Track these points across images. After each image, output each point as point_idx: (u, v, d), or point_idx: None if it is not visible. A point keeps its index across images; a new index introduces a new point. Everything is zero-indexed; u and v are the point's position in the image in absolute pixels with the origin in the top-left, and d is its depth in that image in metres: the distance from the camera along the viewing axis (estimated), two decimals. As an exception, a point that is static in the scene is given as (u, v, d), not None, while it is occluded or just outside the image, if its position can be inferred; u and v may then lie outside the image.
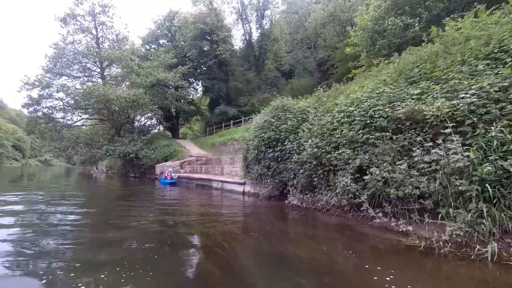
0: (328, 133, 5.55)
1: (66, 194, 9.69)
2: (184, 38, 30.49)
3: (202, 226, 4.95)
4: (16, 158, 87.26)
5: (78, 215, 5.84)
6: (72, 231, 4.45)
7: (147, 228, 4.70)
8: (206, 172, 14.81)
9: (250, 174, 8.58)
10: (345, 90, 7.05)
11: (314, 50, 44.00)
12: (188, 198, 9.20)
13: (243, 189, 9.43)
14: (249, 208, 7.01)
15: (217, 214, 6.22)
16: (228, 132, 23.85)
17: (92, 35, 23.48)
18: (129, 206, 7.42)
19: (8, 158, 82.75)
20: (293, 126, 7.05)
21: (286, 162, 6.90)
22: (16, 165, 76.63)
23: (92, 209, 6.72)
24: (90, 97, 17.47)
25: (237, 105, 32.81)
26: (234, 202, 7.92)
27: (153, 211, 6.59)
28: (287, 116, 7.39)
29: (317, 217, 5.41)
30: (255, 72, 37.15)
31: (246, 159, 8.97)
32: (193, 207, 7.18)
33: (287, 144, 6.87)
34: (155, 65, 21.92)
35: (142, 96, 18.78)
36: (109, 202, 8.41)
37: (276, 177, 7.17)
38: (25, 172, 31.99)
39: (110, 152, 18.90)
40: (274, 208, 6.54)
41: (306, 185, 6.12)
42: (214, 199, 8.68)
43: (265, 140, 7.44)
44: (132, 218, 5.45)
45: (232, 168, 12.79)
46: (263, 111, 8.74)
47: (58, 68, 21.24)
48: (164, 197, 9.71)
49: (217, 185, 11.09)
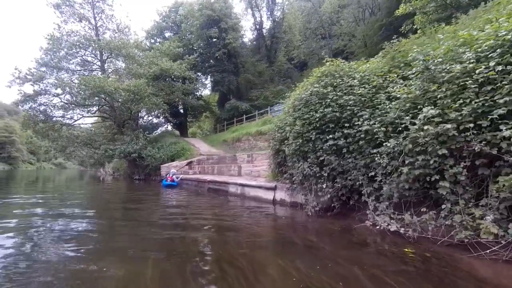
0: (474, 92, 2.79)
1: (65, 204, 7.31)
2: (190, 28, 28.14)
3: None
4: (31, 161, 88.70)
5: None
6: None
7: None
8: (219, 172, 12.24)
9: (285, 175, 5.91)
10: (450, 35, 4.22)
11: (330, 39, 41.03)
12: (197, 209, 6.60)
13: (274, 196, 6.77)
14: (292, 232, 4.26)
15: (240, 244, 3.54)
16: (241, 128, 21.27)
17: (91, 25, 21.39)
18: (110, 230, 4.88)
19: (23, 162, 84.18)
20: (367, 96, 4.32)
21: (356, 155, 4.19)
22: (31, 169, 77.51)
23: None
24: (85, 89, 15.30)
25: (248, 99, 30.31)
26: (264, 218, 5.26)
27: (142, 239, 3.99)
28: (350, 83, 4.66)
29: (461, 265, 2.66)
30: (267, 63, 34.40)
31: (278, 154, 6.30)
32: (203, 231, 4.50)
33: (356, 126, 4.15)
34: (158, 54, 19.56)
35: (143, 87, 16.43)
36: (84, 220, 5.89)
37: (337, 180, 4.46)
38: (40, 175, 30.79)
39: (109, 152, 16.66)
40: (343, 236, 3.80)
41: (415, 195, 3.36)
42: (233, 212, 6.02)
43: (315, 123, 4.74)
44: (110, 259, 2.90)
45: (253, 168, 10.15)
46: (301, 84, 6.06)
47: (55, 62, 19.22)
48: (167, 209, 7.17)
49: (236, 189, 8.48)
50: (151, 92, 17.34)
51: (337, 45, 39.85)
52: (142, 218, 5.52)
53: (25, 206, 6.86)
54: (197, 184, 11.40)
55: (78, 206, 7.24)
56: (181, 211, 6.37)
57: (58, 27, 19.61)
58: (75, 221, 5.03)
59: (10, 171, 54.76)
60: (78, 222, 4.92)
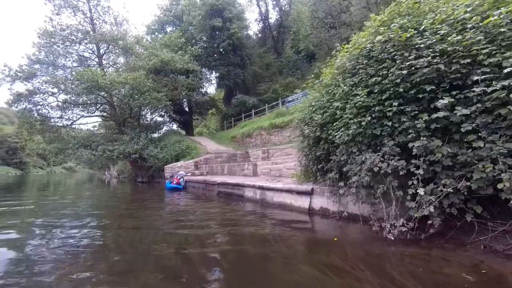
0: None
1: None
2: (192, 19, 26.45)
3: None
4: (41, 166, 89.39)
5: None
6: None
7: None
8: (230, 172, 10.49)
9: (331, 174, 4.08)
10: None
11: (339, 27, 38.86)
12: (206, 223, 4.84)
13: (310, 203, 4.94)
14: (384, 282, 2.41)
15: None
16: (250, 123, 19.46)
17: (87, 18, 19.86)
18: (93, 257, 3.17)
19: (34, 167, 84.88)
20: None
21: (486, 136, 2.33)
22: (42, 173, 77.97)
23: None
24: (78, 84, 13.78)
25: (256, 93, 28.49)
26: (308, 244, 3.42)
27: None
28: (458, 15, 2.78)
29: None
30: (275, 54, 32.45)
31: (317, 145, 4.47)
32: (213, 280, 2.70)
33: (478, 86, 2.29)
34: (158, 46, 17.89)
35: (142, 80, 14.77)
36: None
37: (437, 182, 2.61)
38: (51, 179, 30.07)
39: (107, 153, 15.10)
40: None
41: None
42: (255, 230, 4.19)
43: (393, 88, 2.89)
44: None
45: (271, 165, 8.33)
46: (353, 40, 4.20)
47: (50, 59, 17.80)
48: (167, 221, 5.44)
49: (253, 193, 6.68)
50: (151, 86, 15.66)
51: (347, 34, 37.67)
52: (137, 245, 3.79)
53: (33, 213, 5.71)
54: (205, 187, 9.66)
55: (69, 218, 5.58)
56: (190, 222, 4.61)
57: (50, 19, 18.11)
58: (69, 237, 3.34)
59: (22, 176, 54.99)
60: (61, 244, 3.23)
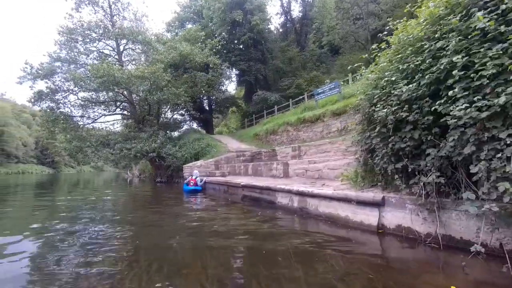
0: None
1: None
2: (212, 14, 25.57)
3: None
4: (72, 165, 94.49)
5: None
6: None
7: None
8: (255, 173, 9.11)
9: (421, 179, 2.53)
10: None
11: (367, 18, 36.23)
12: (228, 249, 3.48)
13: (379, 218, 3.40)
14: None
15: None
16: (274, 119, 18.01)
17: (106, 14, 19.61)
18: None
19: (65, 166, 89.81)
20: None
21: None
22: (73, 172, 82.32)
23: None
24: (94, 79, 13.23)
25: (278, 89, 27.02)
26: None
27: None
28: None
29: None
30: (298, 48, 30.71)
31: (394, 135, 2.94)
32: None
33: None
34: (177, 39, 17.03)
35: (160, 74, 13.91)
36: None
37: None
38: (81, 178, 31.37)
39: (124, 152, 14.42)
40: None
41: None
42: (303, 270, 2.76)
43: None
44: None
45: (307, 165, 6.81)
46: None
47: (71, 56, 17.66)
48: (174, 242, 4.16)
49: (289, 200, 5.25)
50: (169, 80, 14.78)
51: (375, 25, 35.03)
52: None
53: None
54: (226, 189, 8.38)
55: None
56: (205, 241, 3.30)
57: (71, 16, 18.01)
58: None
59: (54, 174, 58.59)
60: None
